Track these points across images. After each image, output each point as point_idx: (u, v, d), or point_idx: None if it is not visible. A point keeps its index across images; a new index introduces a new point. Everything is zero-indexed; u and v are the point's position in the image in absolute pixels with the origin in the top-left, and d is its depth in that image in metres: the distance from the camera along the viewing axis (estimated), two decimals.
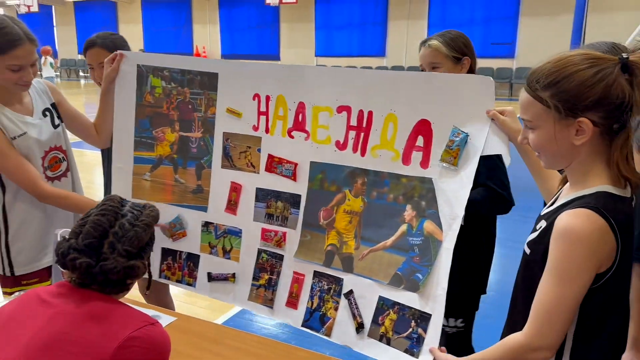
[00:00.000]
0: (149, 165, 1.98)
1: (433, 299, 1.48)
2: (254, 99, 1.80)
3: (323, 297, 1.73)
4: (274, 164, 1.79)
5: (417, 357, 1.47)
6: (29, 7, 18.18)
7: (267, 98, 1.77)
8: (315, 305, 1.74)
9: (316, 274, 1.75)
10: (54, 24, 21.92)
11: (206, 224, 1.94)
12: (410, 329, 1.51)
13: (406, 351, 1.50)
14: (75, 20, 21.33)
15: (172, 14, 19.35)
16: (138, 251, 1.14)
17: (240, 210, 1.88)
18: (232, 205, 1.89)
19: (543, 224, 1.23)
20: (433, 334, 1.46)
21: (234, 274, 1.91)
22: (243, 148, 1.84)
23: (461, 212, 1.47)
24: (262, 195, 1.83)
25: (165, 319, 1.76)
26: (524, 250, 1.29)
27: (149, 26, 19.93)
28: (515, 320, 1.27)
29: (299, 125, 1.74)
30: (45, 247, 1.95)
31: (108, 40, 2.11)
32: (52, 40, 21.28)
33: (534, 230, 1.27)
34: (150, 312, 1.75)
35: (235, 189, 1.87)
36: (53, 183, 1.97)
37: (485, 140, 1.46)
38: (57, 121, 1.98)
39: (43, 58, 12.63)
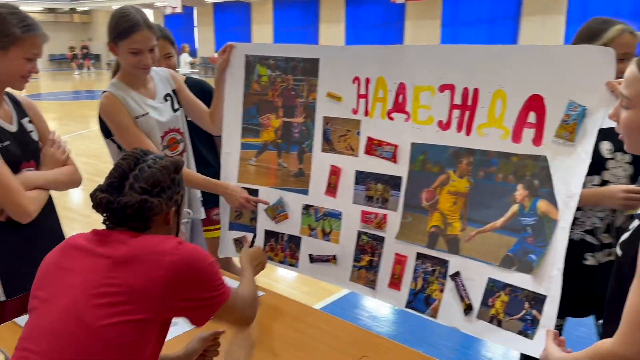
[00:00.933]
0: (255, 150, 2.06)
1: (548, 280, 1.41)
2: (353, 82, 1.81)
3: (427, 279, 1.71)
4: (374, 147, 1.80)
5: (532, 339, 1.42)
6: (173, 8, 19.17)
7: (367, 80, 1.78)
8: (419, 286, 1.72)
9: (419, 256, 1.73)
10: (195, 24, 22.96)
11: (306, 207, 1.98)
12: (524, 311, 1.45)
13: (520, 333, 1.45)
14: (214, 20, 22.15)
15: (301, 14, 19.38)
16: (152, 189, 1.18)
17: (340, 193, 1.90)
18: (331, 188, 1.92)
19: (636, 223, 1.14)
20: (549, 316, 1.40)
21: (334, 256, 1.94)
22: (342, 131, 1.87)
23: (578, 190, 1.40)
24: (362, 177, 1.84)
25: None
26: (616, 252, 1.20)
27: (279, 26, 20.06)
28: (610, 324, 1.16)
29: (398, 106, 1.74)
30: None
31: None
32: (192, 40, 22.20)
33: (627, 230, 1.17)
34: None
35: (335, 172, 1.90)
36: None
37: (604, 114, 1.37)
38: (176, 106, 2.10)
39: (182, 54, 13.55)
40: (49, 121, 1.93)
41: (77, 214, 4.93)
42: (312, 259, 1.99)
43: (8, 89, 1.76)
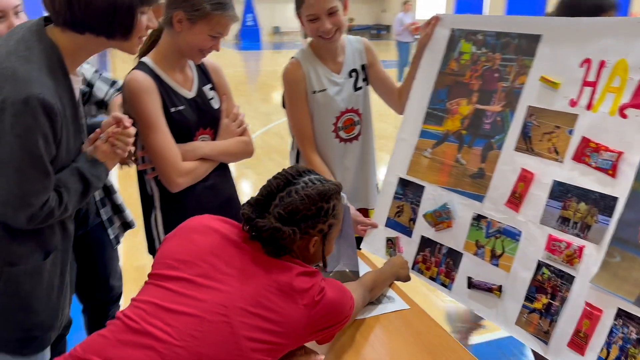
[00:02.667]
0: (433, 140, 1.73)
1: None
2: (581, 65, 1.37)
3: (627, 350, 1.17)
4: (588, 152, 1.32)
5: None
6: None
7: (601, 64, 1.33)
8: (612, 357, 1.19)
9: (621, 314, 1.20)
10: None
11: (478, 218, 1.57)
12: None
13: None
14: None
15: None
16: (289, 217, 1.14)
17: (525, 207, 1.45)
18: (515, 199, 1.48)
19: None
20: None
21: (500, 287, 1.49)
22: (549, 128, 1.43)
23: None
24: (560, 191, 1.37)
25: (398, 304, 1.51)
26: None
27: None
28: None
29: (639, 100, 1.25)
30: None
31: None
32: None
33: None
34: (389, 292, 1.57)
35: (525, 178, 1.46)
36: (345, 145, 1.93)
37: None
38: (360, 84, 1.92)
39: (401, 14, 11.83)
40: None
41: None
42: (471, 283, 1.56)
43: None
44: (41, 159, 1.15)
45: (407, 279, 1.63)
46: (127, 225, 1.96)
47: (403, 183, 1.78)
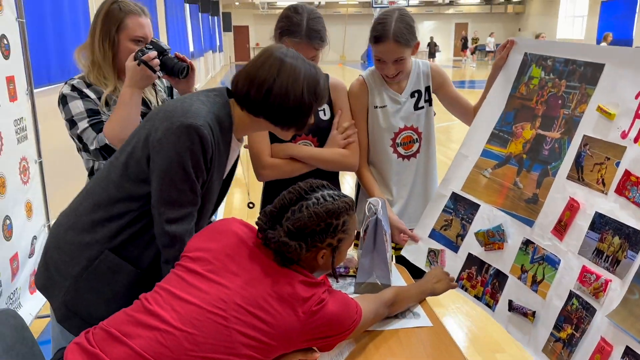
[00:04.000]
0: (495, 161, 1.76)
1: None
2: (637, 97, 1.34)
3: None
4: (628, 185, 1.29)
5: None
6: None
7: None
8: None
9: (628, 352, 1.16)
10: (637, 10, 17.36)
11: (526, 242, 1.57)
12: None
13: None
14: None
15: None
16: (298, 232, 1.19)
17: (569, 236, 1.44)
18: (561, 227, 1.47)
19: None
20: None
21: (534, 313, 1.49)
22: (600, 159, 1.40)
23: None
24: (600, 223, 1.35)
25: (421, 321, 1.54)
26: None
27: None
28: None
29: None
30: None
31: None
32: (627, 30, 17.41)
33: None
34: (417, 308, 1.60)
35: (572, 207, 1.44)
36: (404, 161, 2.03)
37: None
38: (421, 104, 2.01)
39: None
40: None
41: None
42: (511, 306, 1.57)
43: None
44: (191, 175, 1.33)
45: (444, 291, 1.67)
46: None
47: (455, 198, 1.82)
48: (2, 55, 2.26)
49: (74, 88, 1.76)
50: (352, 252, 1.81)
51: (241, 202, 5.15)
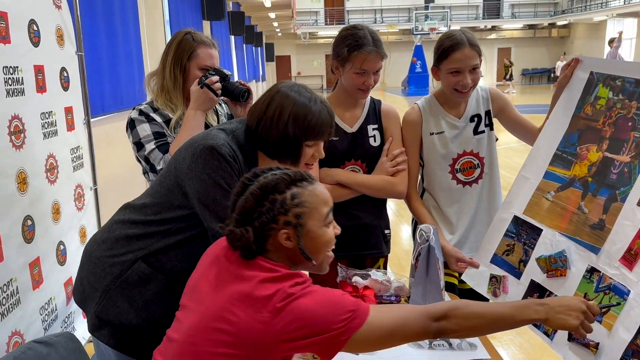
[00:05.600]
0: (558, 184, 1.68)
1: None
2: None
3: None
4: None
5: None
6: None
7: None
8: None
9: None
10: None
11: (591, 270, 1.49)
12: None
13: None
14: None
15: None
16: (244, 218, 1.12)
17: (639, 267, 1.35)
18: (630, 256, 1.38)
19: None
20: None
21: (597, 344, 1.39)
22: None
23: None
24: None
25: (478, 352, 1.47)
26: None
27: None
28: None
29: None
30: None
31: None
32: None
33: None
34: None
35: None
36: (464, 187, 1.98)
37: None
38: (481, 128, 1.96)
39: None
40: None
41: None
42: (572, 336, 1.48)
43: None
44: (228, 192, 1.33)
45: (572, 327, 1.16)
46: None
47: (517, 222, 1.75)
48: (62, 87, 2.35)
49: (141, 112, 1.85)
50: (403, 280, 1.76)
51: None
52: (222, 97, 1.86)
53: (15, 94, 1.86)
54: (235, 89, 1.84)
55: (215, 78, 1.79)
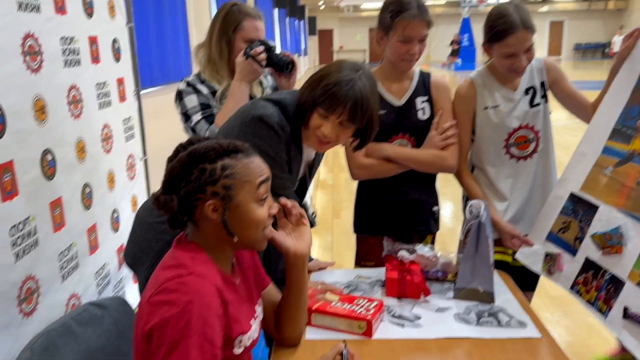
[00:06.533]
0: (616, 159, 1.62)
1: None
2: None
3: None
4: None
5: None
6: None
7: None
8: None
9: None
10: None
11: None
12: None
13: None
14: None
15: None
16: (170, 186, 1.09)
17: None
18: None
19: None
20: None
21: None
22: None
23: None
24: None
25: (528, 331, 1.42)
26: None
27: None
28: None
29: None
30: None
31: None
32: None
33: None
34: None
35: None
36: (518, 162, 1.92)
37: None
38: (537, 100, 1.89)
39: None
40: None
41: None
42: (626, 313, 1.44)
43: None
44: (275, 161, 1.39)
45: None
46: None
47: (574, 199, 1.70)
48: (114, 59, 2.40)
49: (188, 84, 1.89)
50: (450, 257, 1.74)
51: (325, 203, 5.17)
52: (266, 68, 1.88)
53: (73, 64, 1.91)
54: (279, 60, 1.85)
55: (260, 49, 1.80)
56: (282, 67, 1.85)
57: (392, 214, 1.95)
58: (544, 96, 1.90)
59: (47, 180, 1.66)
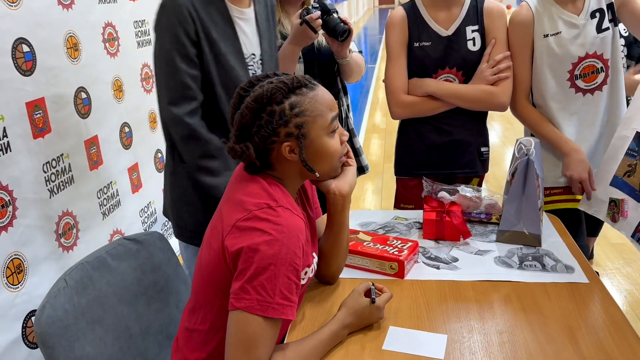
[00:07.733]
0: None
1: None
2: None
3: None
4: None
5: None
6: None
7: None
8: None
9: None
10: None
11: None
12: None
13: None
14: None
15: None
16: (243, 134, 1.05)
17: None
18: None
19: None
20: None
21: None
22: None
23: None
24: None
25: (576, 276, 1.32)
26: None
27: None
28: None
29: None
30: None
31: None
32: None
33: None
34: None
35: None
36: (584, 96, 1.71)
37: None
38: (605, 25, 1.67)
39: None
40: None
41: None
42: None
43: None
44: (170, 53, 1.36)
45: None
46: (361, 169, 2.16)
47: None
48: None
49: None
50: (495, 198, 1.63)
51: (377, 147, 5.07)
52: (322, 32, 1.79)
53: (108, 0, 1.89)
54: (336, 26, 1.74)
55: (317, 14, 1.68)
56: (337, 34, 1.75)
57: (434, 155, 1.83)
58: (612, 20, 1.68)
59: (81, 118, 1.67)
